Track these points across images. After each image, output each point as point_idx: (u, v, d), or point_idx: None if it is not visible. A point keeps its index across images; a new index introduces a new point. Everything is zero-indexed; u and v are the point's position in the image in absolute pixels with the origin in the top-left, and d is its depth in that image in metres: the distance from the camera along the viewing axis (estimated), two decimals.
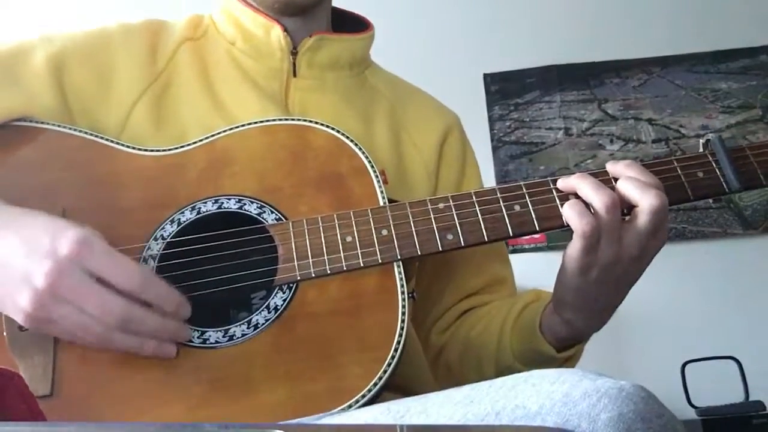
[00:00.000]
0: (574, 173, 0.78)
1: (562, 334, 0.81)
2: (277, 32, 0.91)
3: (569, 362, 0.83)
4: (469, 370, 0.90)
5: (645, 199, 0.72)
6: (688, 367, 1.88)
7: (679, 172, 0.79)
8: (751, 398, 1.83)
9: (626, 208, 0.74)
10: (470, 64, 2.59)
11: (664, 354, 2.10)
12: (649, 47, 2.59)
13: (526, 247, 2.44)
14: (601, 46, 2.59)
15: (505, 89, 2.62)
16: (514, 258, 1.04)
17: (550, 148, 2.56)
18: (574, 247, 0.74)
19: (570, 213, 0.73)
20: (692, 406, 1.83)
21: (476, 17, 2.62)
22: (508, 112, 2.60)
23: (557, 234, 2.39)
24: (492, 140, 2.58)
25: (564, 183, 0.77)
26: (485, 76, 2.62)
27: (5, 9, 2.55)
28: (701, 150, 0.82)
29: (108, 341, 0.68)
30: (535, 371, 0.57)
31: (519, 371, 0.82)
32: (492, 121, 2.60)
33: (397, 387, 0.79)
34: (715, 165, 0.80)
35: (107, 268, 0.67)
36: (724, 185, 0.79)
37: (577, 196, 0.76)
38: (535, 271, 1.30)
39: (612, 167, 0.78)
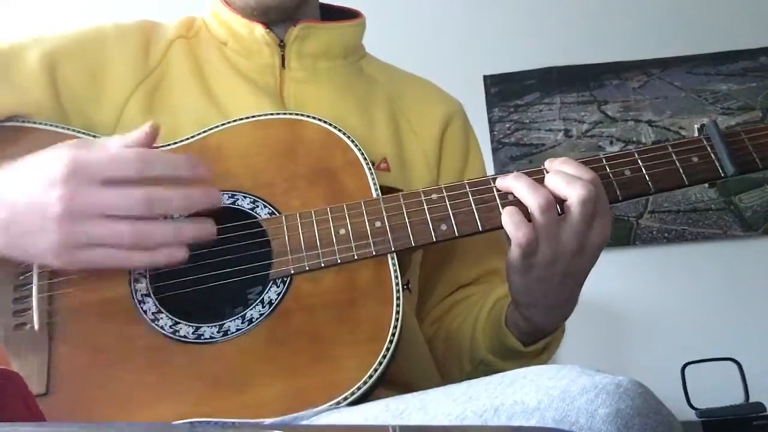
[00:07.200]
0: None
1: (524, 329, 0.81)
2: (259, 30, 0.92)
3: (542, 356, 0.83)
4: (451, 364, 0.90)
5: (572, 191, 0.71)
6: (688, 369, 1.87)
7: (674, 157, 0.78)
8: (751, 400, 1.83)
9: (559, 204, 0.72)
10: (470, 66, 2.58)
11: (664, 355, 2.09)
12: (648, 49, 2.58)
13: None
14: (601, 48, 2.59)
15: (505, 91, 2.61)
16: None
17: (550, 149, 2.55)
18: (513, 253, 0.73)
19: (507, 223, 0.73)
20: (692, 407, 1.82)
21: (476, 19, 2.62)
22: (508, 114, 2.60)
23: None
24: (492, 142, 2.57)
25: (501, 183, 0.76)
26: (485, 77, 2.62)
27: (5, 9, 2.54)
28: (696, 135, 0.81)
29: (145, 234, 0.67)
30: (533, 367, 0.57)
31: (493, 363, 0.82)
32: (492, 122, 2.60)
33: (398, 383, 0.79)
34: (710, 149, 0.79)
35: (106, 166, 0.67)
36: (720, 169, 0.78)
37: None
38: None
39: (548, 164, 0.77)
